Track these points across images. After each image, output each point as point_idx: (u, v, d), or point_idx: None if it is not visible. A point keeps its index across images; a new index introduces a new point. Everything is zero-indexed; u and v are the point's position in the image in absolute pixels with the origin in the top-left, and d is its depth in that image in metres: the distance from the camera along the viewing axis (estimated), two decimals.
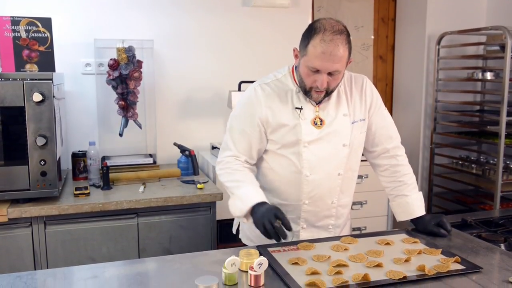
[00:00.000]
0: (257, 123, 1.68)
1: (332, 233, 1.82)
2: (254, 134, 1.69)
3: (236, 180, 1.68)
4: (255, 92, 1.70)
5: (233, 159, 1.72)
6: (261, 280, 1.30)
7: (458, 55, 3.41)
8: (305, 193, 1.72)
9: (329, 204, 1.76)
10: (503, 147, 2.92)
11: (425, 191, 3.57)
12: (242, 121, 1.72)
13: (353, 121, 1.72)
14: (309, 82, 1.60)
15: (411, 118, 3.62)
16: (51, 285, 1.32)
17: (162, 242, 2.35)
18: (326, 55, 1.52)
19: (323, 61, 1.53)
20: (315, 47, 1.53)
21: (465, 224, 1.92)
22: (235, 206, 1.65)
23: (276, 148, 1.71)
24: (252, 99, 1.70)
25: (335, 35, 1.52)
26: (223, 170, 1.73)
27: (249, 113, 1.70)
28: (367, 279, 1.31)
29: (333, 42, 1.52)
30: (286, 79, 1.73)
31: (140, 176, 2.58)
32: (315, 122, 1.68)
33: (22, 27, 2.45)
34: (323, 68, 1.54)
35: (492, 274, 1.39)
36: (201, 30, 3.05)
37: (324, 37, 1.52)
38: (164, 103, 3.02)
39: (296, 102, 1.69)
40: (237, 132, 1.73)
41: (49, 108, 2.11)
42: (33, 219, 2.15)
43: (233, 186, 1.67)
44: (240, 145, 1.72)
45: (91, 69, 2.85)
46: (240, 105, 1.75)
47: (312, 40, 1.54)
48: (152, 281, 1.35)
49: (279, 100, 1.69)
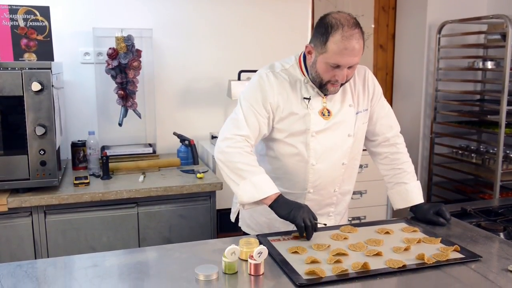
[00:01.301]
0: (268, 108, 1.66)
1: (333, 221, 1.84)
2: (264, 119, 1.67)
3: (251, 165, 1.61)
4: (268, 78, 1.68)
5: (243, 140, 1.64)
6: (261, 269, 1.31)
7: (459, 44, 3.39)
8: (310, 182, 1.73)
9: (331, 192, 1.78)
10: (503, 136, 2.92)
11: (425, 180, 3.57)
12: (254, 104, 1.67)
13: (357, 112, 1.74)
14: (328, 77, 1.60)
15: (411, 108, 3.61)
16: (51, 274, 1.33)
17: (162, 231, 2.35)
18: (349, 51, 1.53)
19: (345, 57, 1.54)
20: (336, 43, 1.53)
21: (465, 213, 1.92)
22: (245, 191, 1.58)
23: (283, 136, 1.70)
24: (265, 84, 1.67)
25: (353, 29, 1.53)
26: (235, 149, 1.62)
27: (261, 97, 1.66)
28: (366, 268, 1.32)
29: (354, 37, 1.53)
30: (294, 70, 1.72)
31: (139, 166, 2.58)
32: (323, 113, 1.69)
33: (20, 15, 2.43)
34: (345, 63, 1.55)
35: (491, 263, 1.39)
36: (200, 19, 3.03)
37: (344, 33, 1.52)
38: (163, 93, 3.01)
39: (305, 93, 1.69)
40: (249, 112, 1.67)
41: (48, 97, 2.10)
42: (33, 208, 2.15)
43: (248, 170, 1.59)
44: (252, 126, 1.66)
45: (90, 58, 2.84)
46: (253, 89, 1.70)
47: (331, 37, 1.53)
48: (152, 269, 1.36)
49: (290, 88, 1.69)
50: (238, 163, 1.60)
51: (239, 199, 1.60)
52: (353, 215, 3.05)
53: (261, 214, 1.81)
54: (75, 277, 1.31)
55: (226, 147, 1.63)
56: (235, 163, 1.60)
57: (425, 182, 3.57)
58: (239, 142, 1.62)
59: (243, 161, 1.60)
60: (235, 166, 1.60)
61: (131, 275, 1.31)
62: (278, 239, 1.54)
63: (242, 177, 1.59)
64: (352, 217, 3.05)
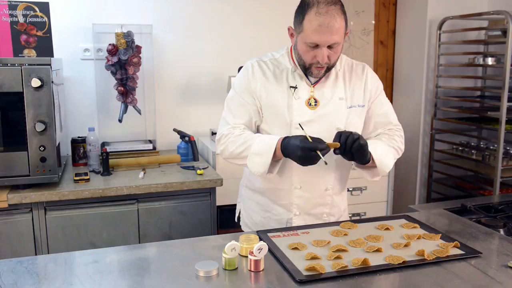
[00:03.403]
0: (253, 96, 1.67)
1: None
2: (253, 107, 1.67)
3: (244, 143, 1.62)
4: (252, 67, 1.70)
5: (231, 129, 1.67)
6: (261, 265, 1.31)
7: (459, 40, 3.38)
8: (297, 176, 1.69)
9: (322, 191, 1.73)
10: (503, 132, 2.91)
11: (425, 177, 3.57)
12: (240, 95, 1.69)
13: (350, 106, 1.69)
14: (309, 58, 1.57)
15: (412, 104, 3.61)
16: (52, 270, 1.33)
17: (162, 227, 2.36)
18: (324, 28, 1.49)
19: (321, 34, 1.50)
20: (311, 21, 1.50)
21: (465, 210, 1.92)
22: (253, 164, 1.60)
23: (268, 128, 1.69)
24: (249, 74, 1.69)
25: (329, 6, 1.50)
26: (225, 144, 1.66)
27: (246, 86, 1.68)
28: (366, 264, 1.32)
29: (329, 14, 1.49)
30: (283, 59, 1.71)
31: (140, 162, 2.58)
32: (310, 102, 1.65)
33: (19, 11, 2.43)
34: (322, 41, 1.52)
35: (491, 259, 1.39)
36: (200, 15, 3.02)
37: (319, 10, 1.49)
38: (163, 89, 3.01)
39: (291, 81, 1.67)
40: (236, 105, 1.69)
41: (48, 93, 2.10)
42: (33, 205, 2.15)
43: (244, 148, 1.61)
44: (240, 117, 1.68)
45: (90, 54, 2.84)
46: (238, 80, 1.74)
47: (306, 15, 1.51)
48: (153, 266, 1.36)
49: (274, 78, 1.67)
50: (234, 151, 1.64)
51: (260, 174, 1.61)
52: (353, 211, 3.06)
53: (257, 213, 1.81)
54: (76, 273, 1.31)
55: (220, 146, 1.69)
56: (233, 152, 1.65)
57: (425, 179, 3.57)
58: (227, 135, 1.67)
59: (237, 145, 1.63)
60: (234, 154, 1.65)
61: (131, 271, 1.32)
62: (278, 235, 1.54)
63: (244, 157, 1.63)
64: (352, 213, 3.06)
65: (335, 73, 1.69)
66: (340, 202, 1.82)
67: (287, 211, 1.74)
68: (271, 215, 1.77)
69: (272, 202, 1.77)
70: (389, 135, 1.76)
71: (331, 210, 1.78)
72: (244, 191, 1.88)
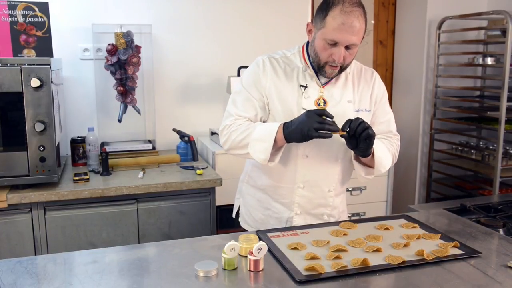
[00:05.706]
0: (261, 92, 1.67)
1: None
2: (259, 102, 1.67)
3: (245, 130, 1.62)
4: (263, 63, 1.69)
5: (234, 120, 1.67)
6: (261, 265, 1.31)
7: (459, 40, 3.38)
8: (300, 175, 1.70)
9: (325, 192, 1.73)
10: (503, 132, 2.91)
11: (424, 177, 3.57)
12: (248, 89, 1.69)
13: (357, 109, 1.70)
14: (325, 56, 1.58)
15: (411, 104, 3.61)
16: (51, 270, 1.33)
17: (162, 227, 2.36)
18: (346, 27, 1.50)
19: (342, 33, 1.51)
20: (335, 18, 1.51)
21: (464, 210, 1.92)
22: (255, 151, 1.59)
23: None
24: (259, 70, 1.68)
25: (354, 6, 1.51)
26: (228, 134, 1.66)
27: (254, 81, 1.68)
28: (366, 264, 1.32)
29: (353, 14, 1.50)
30: (294, 57, 1.71)
31: (139, 162, 2.57)
32: (318, 102, 1.66)
33: (19, 11, 2.43)
34: (342, 40, 1.52)
35: (490, 259, 1.39)
36: (199, 15, 3.02)
37: (344, 8, 1.50)
38: (163, 89, 3.01)
39: (302, 80, 1.67)
40: (243, 99, 1.69)
41: (47, 93, 2.10)
42: (32, 204, 2.15)
43: (245, 135, 1.62)
44: (246, 112, 1.68)
45: (89, 54, 2.83)
46: (246, 75, 1.73)
47: (331, 11, 1.52)
48: (152, 265, 1.36)
49: (284, 76, 1.68)
50: (236, 139, 1.64)
51: (262, 161, 1.60)
52: (352, 211, 3.06)
53: (257, 210, 1.81)
54: (75, 273, 1.31)
55: (222, 137, 1.69)
56: (234, 140, 1.64)
57: (424, 179, 3.58)
58: (230, 126, 1.67)
59: (238, 133, 1.63)
60: (236, 143, 1.64)
61: (131, 271, 1.32)
62: (278, 235, 1.54)
63: (246, 145, 1.62)
64: (352, 213, 3.06)
65: (345, 75, 1.70)
66: (339, 204, 1.82)
67: (288, 209, 1.75)
68: (271, 212, 1.77)
69: (273, 199, 1.77)
70: (388, 141, 1.78)
71: (331, 212, 1.79)
72: (245, 187, 1.88)
